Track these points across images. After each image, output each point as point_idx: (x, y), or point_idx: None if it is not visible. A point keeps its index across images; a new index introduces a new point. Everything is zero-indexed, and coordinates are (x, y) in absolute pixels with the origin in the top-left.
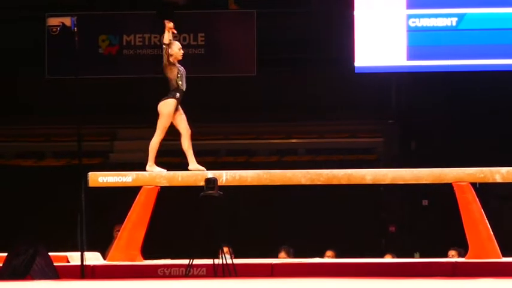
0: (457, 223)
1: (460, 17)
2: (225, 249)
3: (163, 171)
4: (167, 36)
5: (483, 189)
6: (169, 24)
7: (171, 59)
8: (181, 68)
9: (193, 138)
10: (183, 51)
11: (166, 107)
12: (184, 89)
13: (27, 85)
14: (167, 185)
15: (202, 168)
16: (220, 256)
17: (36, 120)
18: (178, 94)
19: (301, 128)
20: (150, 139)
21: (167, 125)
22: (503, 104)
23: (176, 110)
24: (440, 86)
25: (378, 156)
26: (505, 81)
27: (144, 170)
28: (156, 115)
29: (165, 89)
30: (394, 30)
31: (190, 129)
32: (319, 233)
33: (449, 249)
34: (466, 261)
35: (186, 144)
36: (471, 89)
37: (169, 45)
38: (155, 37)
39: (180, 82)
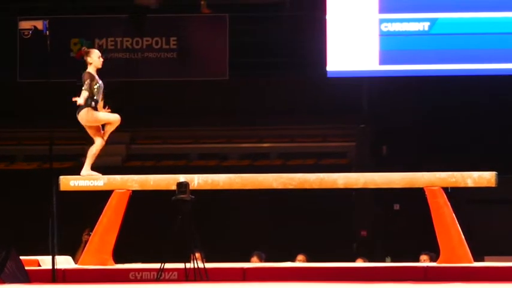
0: (429, 228)
1: (432, 21)
2: (197, 253)
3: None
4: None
5: (456, 194)
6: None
7: (91, 70)
8: (100, 82)
9: (166, 141)
10: (102, 59)
11: (87, 114)
12: (98, 100)
13: None
14: (139, 188)
15: (95, 173)
16: (192, 260)
17: (7, 124)
18: (93, 103)
19: (273, 132)
20: (123, 143)
21: (98, 127)
22: (475, 109)
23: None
24: (412, 91)
25: (350, 161)
26: (477, 86)
27: (116, 174)
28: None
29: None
30: (367, 34)
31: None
32: (291, 237)
33: (420, 253)
34: (438, 266)
35: (95, 151)
36: (443, 94)
37: (88, 53)
38: (127, 41)
39: (95, 92)
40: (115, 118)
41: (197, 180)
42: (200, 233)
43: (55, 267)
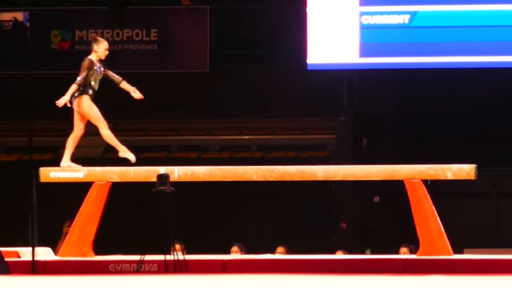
0: (409, 220)
1: (413, 14)
2: (177, 245)
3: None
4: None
5: (435, 186)
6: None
7: (94, 57)
8: (101, 69)
9: (146, 133)
10: (107, 53)
11: (83, 102)
12: (96, 88)
13: None
14: (119, 180)
15: (75, 165)
16: (172, 252)
17: None
18: (90, 91)
19: (253, 124)
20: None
21: (98, 114)
22: (455, 102)
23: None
24: (392, 83)
25: (330, 153)
26: (457, 79)
27: (96, 166)
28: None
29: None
30: (347, 27)
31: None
32: (271, 229)
33: (400, 246)
34: (417, 258)
35: (72, 141)
36: (423, 86)
37: (97, 41)
38: (108, 33)
39: (93, 81)
40: (102, 124)
41: (177, 172)
42: (180, 225)
43: (35, 258)
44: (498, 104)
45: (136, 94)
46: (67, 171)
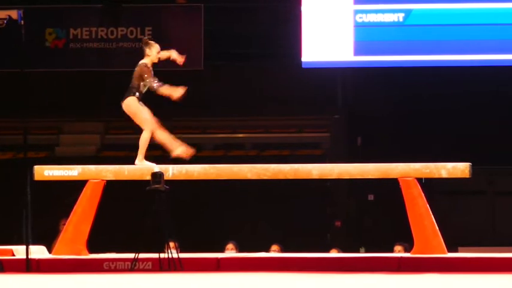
0: (403, 218)
1: (407, 12)
2: (171, 243)
3: (153, 165)
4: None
5: (430, 185)
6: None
7: (148, 62)
8: (152, 71)
9: (140, 131)
10: (159, 56)
11: (132, 104)
12: (143, 93)
13: None
14: (113, 178)
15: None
16: (166, 250)
17: None
18: (138, 94)
19: (247, 122)
20: (96, 133)
21: (147, 115)
22: (449, 100)
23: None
24: (386, 82)
25: (325, 152)
26: (451, 77)
27: (90, 164)
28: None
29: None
30: (341, 25)
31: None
32: (265, 227)
33: (395, 244)
34: (411, 257)
35: (162, 135)
36: (417, 85)
37: (148, 44)
38: (102, 31)
39: (143, 86)
40: (149, 126)
41: (172, 171)
42: (174, 223)
43: (29, 256)
44: (493, 103)
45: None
46: (61, 169)
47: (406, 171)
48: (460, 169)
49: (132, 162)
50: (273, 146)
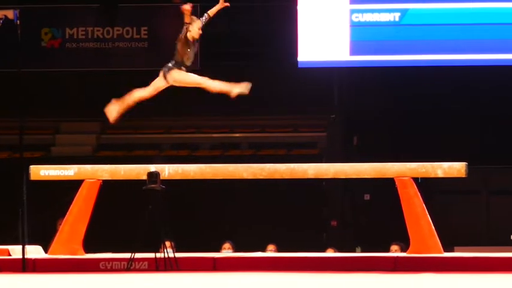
0: (399, 218)
1: (403, 12)
2: (167, 243)
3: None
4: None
5: (426, 184)
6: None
7: (188, 35)
8: (195, 48)
9: (137, 131)
10: (201, 32)
11: (181, 73)
12: (188, 66)
13: None
14: (109, 178)
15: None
16: (162, 250)
17: None
18: (183, 67)
19: (244, 122)
20: (93, 133)
21: (196, 77)
22: (446, 99)
23: None
24: (382, 81)
25: (321, 151)
26: (447, 76)
27: (86, 164)
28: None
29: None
30: (337, 25)
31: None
32: (261, 227)
33: (391, 243)
34: (408, 256)
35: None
36: (413, 84)
37: (190, 23)
38: (98, 30)
39: (186, 61)
40: (204, 79)
41: (168, 170)
42: (170, 223)
43: (25, 256)
44: (488, 102)
45: None
46: (57, 169)
47: (402, 170)
48: (456, 169)
49: (129, 162)
50: (269, 145)
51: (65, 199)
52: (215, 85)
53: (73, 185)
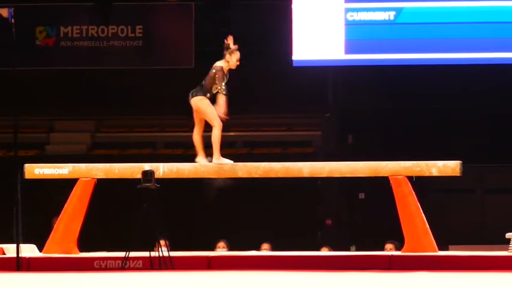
0: (394, 216)
1: (398, 11)
2: (162, 241)
3: (230, 162)
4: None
5: (421, 183)
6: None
7: (223, 64)
8: (227, 78)
9: (131, 130)
10: (239, 63)
11: (204, 102)
12: (213, 94)
13: None
14: (104, 177)
15: (228, 160)
16: (157, 249)
17: None
18: (208, 95)
19: (238, 120)
20: (88, 132)
21: (214, 112)
22: (440, 98)
23: None
24: (377, 80)
25: (315, 150)
26: (442, 75)
27: (81, 162)
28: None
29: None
30: (332, 23)
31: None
32: (256, 226)
33: (386, 242)
34: (402, 255)
35: (198, 137)
36: (408, 83)
37: (230, 51)
38: (92, 29)
39: (214, 89)
40: (219, 123)
41: (162, 169)
42: (165, 222)
43: (19, 255)
44: (483, 100)
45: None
46: (52, 168)
47: (396, 169)
48: (450, 167)
49: (123, 161)
50: (263, 144)
51: (59, 198)
52: (215, 134)
53: (67, 184)
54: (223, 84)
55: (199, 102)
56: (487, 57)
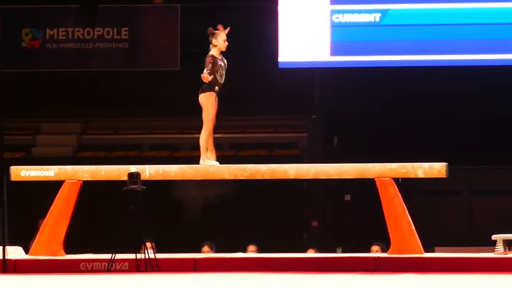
0: (380, 218)
1: (384, 12)
2: (148, 244)
3: (216, 164)
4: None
5: (406, 185)
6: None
7: (213, 51)
8: (223, 62)
9: (117, 132)
10: (227, 43)
11: (207, 99)
12: (222, 82)
13: None
14: (90, 179)
15: (214, 162)
16: (143, 251)
17: None
18: (217, 87)
19: (224, 122)
20: (74, 134)
21: (213, 115)
22: (426, 99)
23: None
24: (363, 82)
25: (301, 152)
26: (427, 76)
27: (67, 165)
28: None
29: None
30: (318, 25)
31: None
32: (242, 227)
33: (372, 244)
34: (388, 257)
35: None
36: (394, 85)
37: (214, 34)
38: (78, 31)
39: (219, 77)
40: (209, 126)
41: (148, 171)
42: (151, 224)
43: (6, 257)
44: (468, 102)
45: None
46: (38, 170)
47: (382, 171)
48: (436, 169)
49: (110, 163)
50: (250, 146)
51: (45, 200)
52: (203, 136)
53: (54, 186)
54: (210, 67)
55: (203, 99)
56: (474, 59)
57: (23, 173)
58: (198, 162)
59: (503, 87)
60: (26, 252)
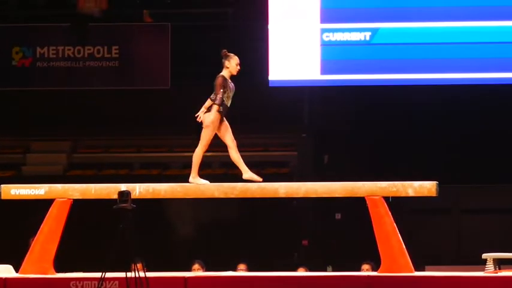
0: (370, 237)
1: (374, 31)
2: (138, 262)
3: (206, 183)
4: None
5: (397, 204)
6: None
7: (224, 72)
8: (232, 85)
9: (107, 150)
10: (239, 68)
11: (211, 118)
12: (228, 105)
13: None
14: (80, 197)
15: (258, 177)
16: (133, 269)
17: None
18: (222, 108)
19: (214, 141)
20: (64, 152)
21: (211, 136)
22: (416, 118)
23: (221, 122)
24: (353, 100)
25: (291, 170)
26: (418, 95)
27: (57, 183)
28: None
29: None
30: (308, 44)
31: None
32: (232, 246)
33: (362, 263)
34: (379, 275)
35: (235, 155)
36: (384, 104)
37: (228, 57)
38: (69, 49)
39: (226, 98)
40: (205, 145)
41: (139, 189)
42: (141, 242)
43: None
44: (458, 121)
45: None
46: (28, 188)
47: (372, 189)
48: (426, 188)
49: (100, 181)
50: None
51: (35, 218)
52: (197, 153)
53: (44, 204)
54: (221, 91)
55: (207, 118)
56: (464, 78)
57: (13, 191)
58: (188, 181)
59: (492, 107)
60: (16, 270)
